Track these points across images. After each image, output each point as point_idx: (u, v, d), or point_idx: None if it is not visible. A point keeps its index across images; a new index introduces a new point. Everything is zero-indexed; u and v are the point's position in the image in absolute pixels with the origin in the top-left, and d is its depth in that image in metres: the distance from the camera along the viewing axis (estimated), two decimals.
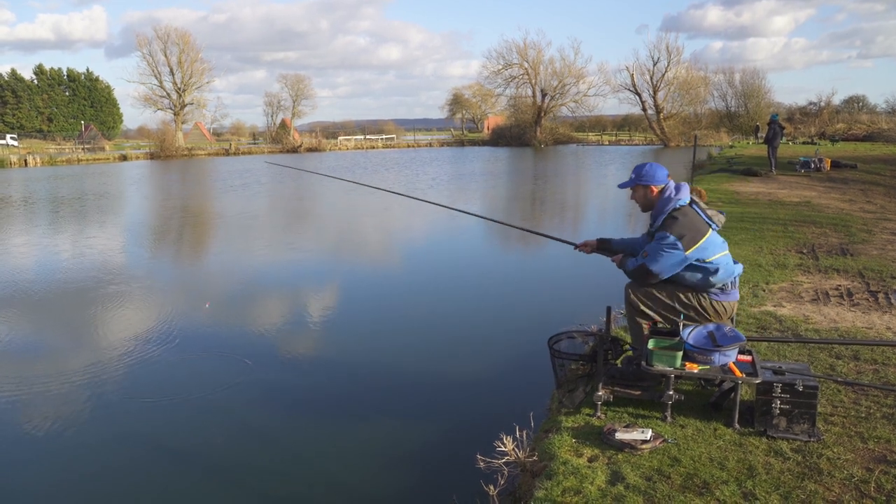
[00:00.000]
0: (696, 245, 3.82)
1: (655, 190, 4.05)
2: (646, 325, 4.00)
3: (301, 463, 4.48)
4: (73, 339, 7.26)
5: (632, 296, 4.08)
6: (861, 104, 60.47)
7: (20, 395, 5.62)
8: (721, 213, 4.13)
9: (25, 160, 44.40)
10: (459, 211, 6.57)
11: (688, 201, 3.99)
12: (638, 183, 4.08)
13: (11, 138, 61.38)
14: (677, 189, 4.00)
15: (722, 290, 3.95)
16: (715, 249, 3.88)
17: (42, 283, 9.73)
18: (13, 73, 76.88)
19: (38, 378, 5.99)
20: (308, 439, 4.83)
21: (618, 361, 4.15)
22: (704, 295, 3.94)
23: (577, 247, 4.50)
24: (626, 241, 4.40)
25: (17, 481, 4.35)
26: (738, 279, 4.04)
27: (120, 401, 5.49)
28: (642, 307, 4.03)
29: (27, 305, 8.57)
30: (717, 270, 3.87)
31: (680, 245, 3.80)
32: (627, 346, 4.26)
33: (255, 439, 4.83)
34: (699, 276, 3.90)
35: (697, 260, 3.85)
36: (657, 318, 4.00)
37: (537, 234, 5.74)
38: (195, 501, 4.11)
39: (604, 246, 4.43)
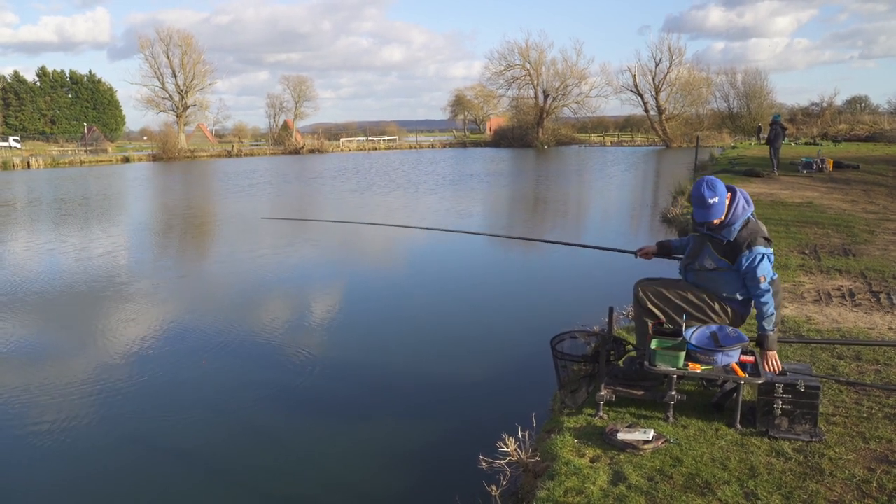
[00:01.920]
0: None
1: (729, 197, 3.87)
2: (651, 325, 4.00)
3: (302, 463, 4.50)
4: (79, 340, 7.28)
5: (640, 293, 4.05)
6: (863, 105, 60.40)
7: (28, 395, 5.65)
8: None
9: (28, 162, 44.53)
10: (501, 236, 6.31)
11: (751, 212, 3.92)
12: (722, 203, 3.81)
13: (14, 140, 61.53)
14: (748, 201, 3.89)
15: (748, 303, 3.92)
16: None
17: (68, 284, 9.77)
18: (16, 75, 77.28)
19: (44, 378, 6.01)
20: (310, 439, 4.84)
21: (620, 362, 4.15)
22: (716, 299, 3.91)
23: (637, 254, 4.45)
24: (684, 242, 4.32)
25: (21, 480, 4.37)
26: None
27: (121, 401, 5.51)
28: (650, 305, 4.02)
29: (62, 305, 8.60)
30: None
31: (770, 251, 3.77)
32: (630, 347, 4.26)
33: (256, 439, 4.85)
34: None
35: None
36: (663, 317, 3.99)
37: (592, 247, 5.28)
38: (196, 501, 4.13)
39: (664, 250, 4.38)
